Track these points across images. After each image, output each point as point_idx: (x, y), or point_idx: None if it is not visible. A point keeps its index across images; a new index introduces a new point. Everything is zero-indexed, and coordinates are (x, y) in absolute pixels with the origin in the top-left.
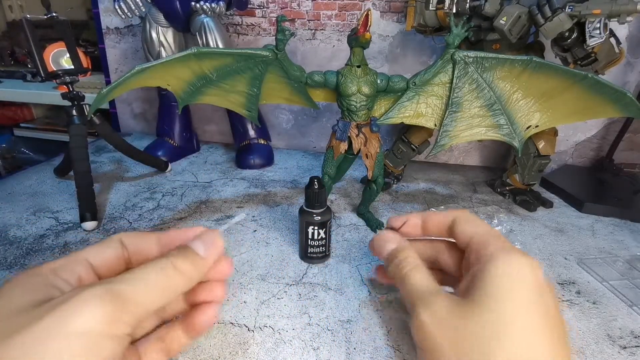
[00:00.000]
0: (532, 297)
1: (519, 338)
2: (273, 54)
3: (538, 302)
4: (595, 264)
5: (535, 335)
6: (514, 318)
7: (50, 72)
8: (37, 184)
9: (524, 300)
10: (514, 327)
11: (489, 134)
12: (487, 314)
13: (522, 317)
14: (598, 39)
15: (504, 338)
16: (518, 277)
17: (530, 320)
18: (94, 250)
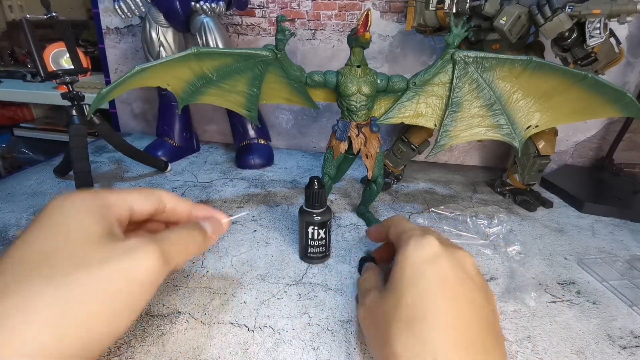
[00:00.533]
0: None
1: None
2: (273, 54)
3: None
4: (595, 264)
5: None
6: (405, 290)
7: (50, 72)
8: (37, 184)
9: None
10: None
11: (489, 134)
12: (389, 295)
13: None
14: (598, 39)
15: (398, 307)
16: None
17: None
18: (139, 200)
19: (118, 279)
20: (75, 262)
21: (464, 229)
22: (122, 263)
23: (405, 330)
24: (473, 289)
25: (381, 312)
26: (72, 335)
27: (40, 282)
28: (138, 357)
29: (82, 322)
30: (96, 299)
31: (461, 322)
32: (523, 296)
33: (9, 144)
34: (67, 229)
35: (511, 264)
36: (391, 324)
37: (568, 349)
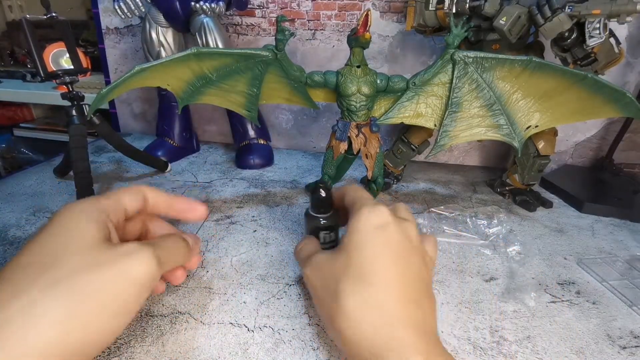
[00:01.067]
0: (369, 235)
1: (357, 263)
2: (273, 54)
3: (377, 236)
4: (595, 264)
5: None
6: (354, 251)
7: (50, 72)
8: (36, 184)
9: (364, 238)
10: (353, 257)
11: (489, 134)
12: (340, 255)
13: (362, 250)
14: (598, 39)
15: (347, 266)
16: (360, 224)
17: (370, 251)
18: (130, 200)
19: (119, 280)
20: (78, 266)
21: (463, 229)
22: (122, 265)
23: (354, 286)
24: (414, 254)
25: (330, 270)
26: (76, 334)
27: (46, 285)
28: (138, 357)
29: (85, 322)
30: (98, 299)
31: (402, 280)
32: (523, 296)
33: (9, 144)
34: (69, 236)
35: (511, 264)
36: (341, 280)
37: (568, 349)
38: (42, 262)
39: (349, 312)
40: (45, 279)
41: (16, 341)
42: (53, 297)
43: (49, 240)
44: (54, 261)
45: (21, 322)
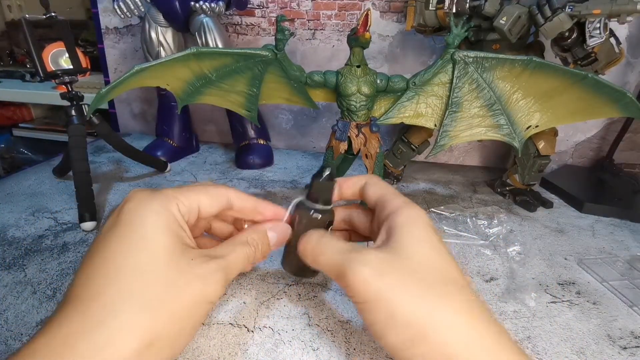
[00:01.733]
0: (427, 233)
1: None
2: (273, 53)
3: (431, 236)
4: (595, 264)
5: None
6: (417, 252)
7: (49, 72)
8: (36, 184)
9: (422, 236)
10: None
11: (489, 134)
12: (404, 254)
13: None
14: (598, 39)
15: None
16: (416, 221)
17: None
18: (207, 201)
19: (195, 302)
20: (161, 286)
21: (464, 229)
22: (196, 288)
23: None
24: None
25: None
26: (162, 348)
27: (134, 310)
28: None
29: (166, 345)
30: (178, 321)
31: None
32: (523, 296)
33: (8, 144)
34: (150, 247)
35: (511, 265)
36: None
37: (568, 349)
38: (126, 277)
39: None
40: (131, 299)
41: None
42: (141, 320)
43: (128, 250)
44: (138, 277)
45: (111, 346)
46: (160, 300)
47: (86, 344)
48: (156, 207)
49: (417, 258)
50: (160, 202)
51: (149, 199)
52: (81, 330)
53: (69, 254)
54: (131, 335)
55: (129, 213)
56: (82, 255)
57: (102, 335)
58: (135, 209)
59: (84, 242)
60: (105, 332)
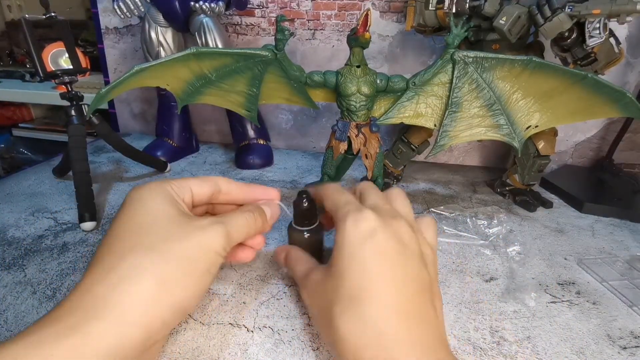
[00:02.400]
0: (357, 249)
1: (348, 283)
2: (272, 54)
3: (366, 248)
4: (595, 264)
5: (359, 279)
6: (345, 269)
7: (49, 72)
8: (35, 184)
9: (351, 254)
10: (344, 277)
11: (489, 134)
12: (331, 274)
13: (350, 269)
14: (598, 39)
15: (340, 286)
16: (346, 239)
17: (357, 270)
18: (197, 184)
19: (197, 248)
20: (164, 237)
21: (463, 229)
22: (198, 237)
23: (348, 310)
24: (409, 256)
25: (323, 292)
26: (171, 294)
27: (141, 254)
28: None
29: (177, 284)
30: (184, 264)
31: (400, 294)
32: (523, 296)
33: (8, 144)
34: (150, 213)
35: (511, 264)
36: (334, 303)
37: (568, 349)
38: (133, 234)
39: (344, 335)
40: (139, 247)
41: (124, 302)
42: (149, 263)
43: (134, 217)
44: (143, 233)
45: (127, 284)
46: (163, 246)
47: (100, 287)
48: (153, 187)
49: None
50: (156, 185)
51: (146, 186)
52: (97, 278)
53: (68, 254)
54: (141, 275)
55: (130, 199)
56: (82, 256)
57: (113, 278)
58: (135, 193)
59: (84, 242)
60: (115, 274)
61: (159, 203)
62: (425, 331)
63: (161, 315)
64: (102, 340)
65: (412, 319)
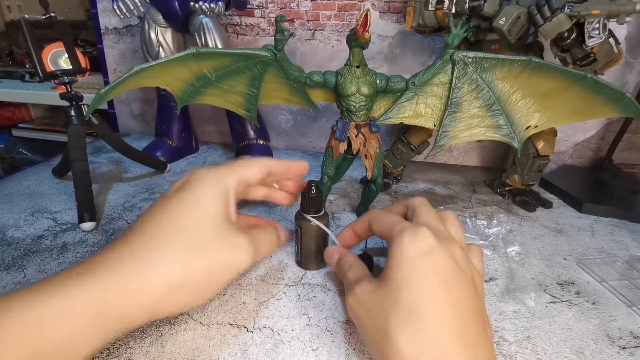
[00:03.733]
0: (417, 266)
1: (406, 298)
2: (272, 54)
3: (424, 265)
4: (595, 264)
5: (417, 293)
6: (404, 284)
7: (48, 73)
8: (35, 185)
9: (413, 270)
10: (403, 291)
11: (489, 135)
12: (386, 287)
13: (409, 283)
14: (597, 39)
15: (396, 301)
16: (406, 253)
17: (416, 285)
18: (254, 173)
19: (226, 266)
20: (203, 244)
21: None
22: (231, 255)
23: (407, 325)
24: (463, 279)
25: (377, 304)
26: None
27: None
28: (136, 358)
29: (194, 290)
30: (211, 271)
31: (458, 315)
32: (522, 297)
33: (7, 144)
34: (202, 213)
35: (510, 265)
36: (390, 317)
37: (567, 349)
38: (178, 228)
39: (401, 348)
40: (180, 244)
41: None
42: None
43: (185, 207)
44: (187, 232)
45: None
46: (199, 250)
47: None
48: (213, 178)
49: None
50: (217, 175)
51: (208, 172)
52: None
53: (68, 254)
54: (168, 269)
55: (191, 182)
56: (82, 256)
57: (143, 259)
58: (197, 179)
59: (84, 242)
60: (149, 257)
61: (213, 201)
62: (483, 356)
63: (169, 308)
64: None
65: (471, 342)
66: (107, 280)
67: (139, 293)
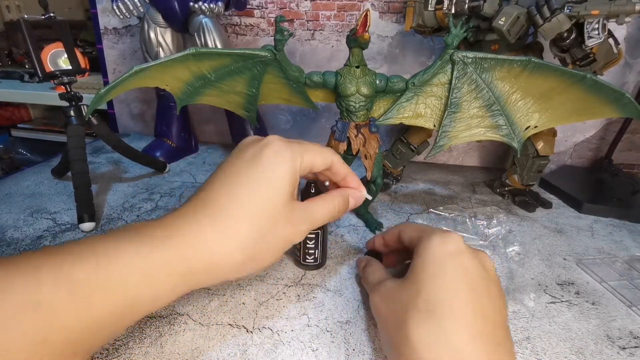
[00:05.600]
0: (442, 263)
1: (425, 294)
2: (272, 54)
3: (450, 264)
4: (594, 265)
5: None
6: (425, 281)
7: (48, 73)
8: (34, 185)
9: (434, 269)
10: (423, 287)
11: (488, 135)
12: (410, 284)
13: (430, 281)
14: (597, 39)
15: (416, 295)
16: (431, 252)
17: (436, 282)
18: (319, 160)
19: (282, 244)
20: (269, 219)
21: (463, 230)
22: (291, 231)
23: (425, 320)
24: (492, 285)
25: (399, 299)
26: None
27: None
28: (136, 358)
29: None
30: (271, 245)
31: (480, 314)
32: (522, 297)
33: (7, 144)
34: (274, 190)
35: (510, 265)
36: (409, 311)
37: (567, 350)
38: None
39: (415, 343)
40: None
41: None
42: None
43: (251, 186)
44: (258, 206)
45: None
46: (270, 227)
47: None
48: (288, 157)
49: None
50: (291, 155)
51: (284, 149)
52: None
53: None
54: (245, 243)
55: (266, 155)
56: None
57: (225, 232)
58: (273, 153)
59: None
60: (228, 229)
61: (284, 181)
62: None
63: (236, 276)
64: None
65: (490, 343)
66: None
67: (218, 261)
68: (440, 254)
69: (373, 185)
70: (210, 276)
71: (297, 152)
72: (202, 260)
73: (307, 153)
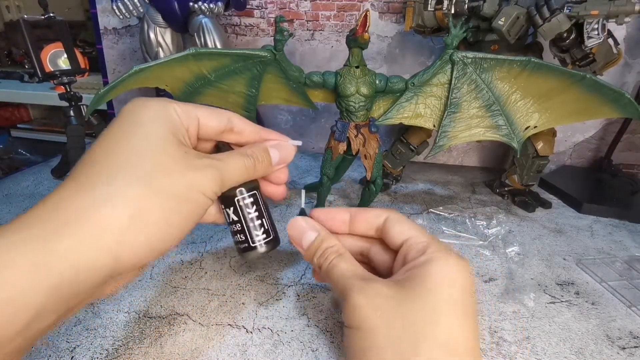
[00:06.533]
0: (460, 295)
1: (445, 326)
2: (271, 54)
3: (463, 300)
4: (594, 265)
5: (457, 325)
6: (444, 309)
7: (47, 73)
8: (34, 185)
9: (453, 297)
10: (442, 316)
11: (488, 135)
12: (421, 302)
13: (449, 310)
14: (596, 39)
15: (432, 324)
16: (451, 277)
17: (455, 314)
18: (205, 115)
19: (186, 188)
20: (154, 168)
21: (462, 230)
22: (190, 176)
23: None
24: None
25: (403, 317)
26: (146, 232)
27: (125, 181)
28: (136, 358)
29: (156, 221)
30: (168, 201)
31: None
32: (522, 297)
33: (6, 145)
34: (147, 137)
35: (510, 265)
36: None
37: (567, 350)
38: (123, 156)
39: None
40: (125, 173)
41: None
42: (132, 192)
43: (127, 136)
44: (134, 158)
45: (103, 208)
46: (152, 176)
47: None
48: (155, 106)
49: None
50: (158, 104)
51: (148, 102)
52: (73, 194)
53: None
54: (123, 201)
55: (128, 113)
56: None
57: (96, 197)
58: (134, 108)
59: None
60: (94, 195)
61: (158, 127)
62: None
63: (133, 249)
64: (68, 258)
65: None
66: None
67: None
68: (461, 285)
69: (373, 185)
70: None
71: (165, 100)
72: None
73: (184, 105)
